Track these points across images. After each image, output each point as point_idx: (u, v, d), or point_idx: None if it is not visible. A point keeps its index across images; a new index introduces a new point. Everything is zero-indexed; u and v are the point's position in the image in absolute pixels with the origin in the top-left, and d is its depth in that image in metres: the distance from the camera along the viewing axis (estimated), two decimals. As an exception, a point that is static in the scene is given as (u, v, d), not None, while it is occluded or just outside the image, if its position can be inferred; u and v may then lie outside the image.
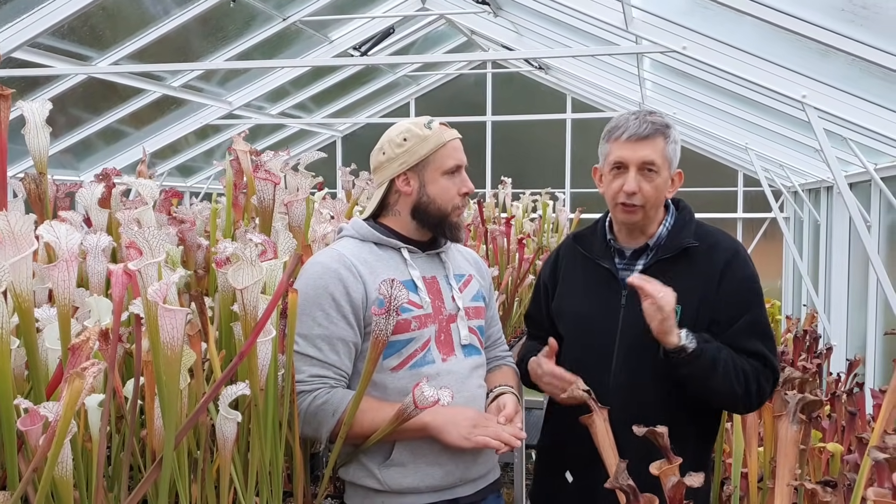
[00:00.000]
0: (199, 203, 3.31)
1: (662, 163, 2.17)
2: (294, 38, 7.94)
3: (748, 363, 2.15)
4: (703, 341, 2.10)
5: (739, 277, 2.21)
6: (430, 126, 2.13)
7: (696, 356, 2.07)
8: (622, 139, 2.18)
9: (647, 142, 2.16)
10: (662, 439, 1.63)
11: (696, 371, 2.09)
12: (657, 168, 2.17)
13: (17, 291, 1.32)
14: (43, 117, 1.80)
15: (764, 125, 6.69)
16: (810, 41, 3.31)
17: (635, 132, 2.17)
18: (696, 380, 2.12)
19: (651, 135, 2.16)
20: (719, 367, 2.10)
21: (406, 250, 2.16)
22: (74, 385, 1.04)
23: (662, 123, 2.20)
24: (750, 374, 2.14)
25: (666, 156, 2.18)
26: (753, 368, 2.15)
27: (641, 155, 2.16)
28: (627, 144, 2.18)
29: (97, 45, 6.34)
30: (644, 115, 2.21)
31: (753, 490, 2.58)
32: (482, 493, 2.20)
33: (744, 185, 11.06)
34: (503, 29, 8.60)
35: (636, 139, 2.17)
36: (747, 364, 2.15)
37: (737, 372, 2.12)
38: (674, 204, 2.31)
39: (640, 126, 2.17)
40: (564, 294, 2.37)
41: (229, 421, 1.60)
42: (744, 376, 2.13)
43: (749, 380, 2.14)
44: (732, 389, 2.13)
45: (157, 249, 1.42)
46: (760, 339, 2.20)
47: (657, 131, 2.17)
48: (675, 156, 2.22)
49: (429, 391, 1.85)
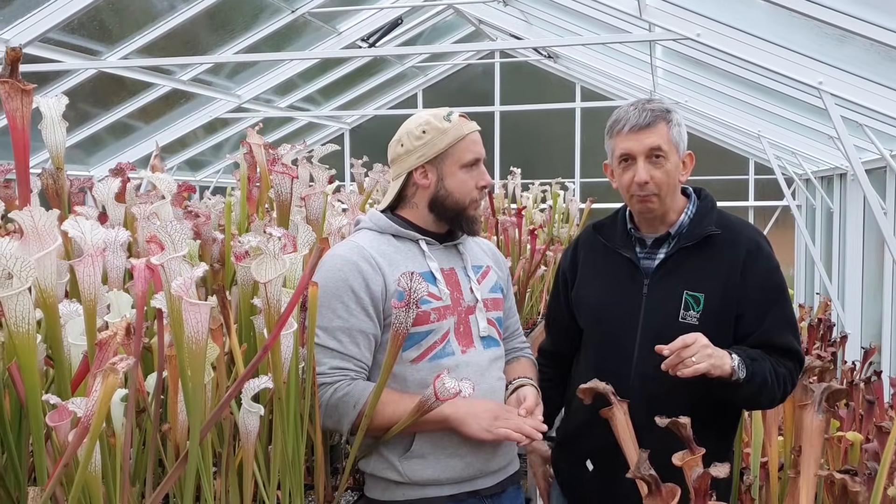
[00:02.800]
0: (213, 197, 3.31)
1: (669, 147, 2.16)
2: (302, 30, 7.93)
3: (784, 366, 2.16)
4: (750, 360, 2.09)
5: (764, 270, 2.20)
6: (450, 118, 2.12)
7: (748, 380, 2.07)
8: (625, 131, 2.17)
9: (650, 130, 2.15)
10: (685, 430, 1.62)
11: (747, 392, 2.10)
12: (665, 153, 2.15)
13: (42, 287, 1.32)
14: (59, 112, 1.79)
15: (777, 112, 6.64)
16: (827, 26, 3.28)
17: (636, 122, 2.15)
18: (745, 398, 2.15)
19: (653, 122, 2.15)
20: (768, 384, 2.11)
21: (424, 242, 2.15)
22: (109, 381, 1.04)
23: (662, 109, 2.19)
24: (787, 378, 2.16)
25: (672, 140, 2.17)
26: (789, 371, 2.16)
27: (647, 143, 2.15)
28: (631, 135, 2.16)
29: (106, 39, 6.35)
30: (642, 104, 2.20)
31: (774, 479, 2.57)
32: (502, 484, 2.19)
33: (755, 174, 11.01)
34: (512, 18, 8.57)
35: (639, 129, 2.15)
36: (783, 367, 2.15)
37: (780, 382, 2.14)
38: (696, 192, 2.30)
39: (641, 115, 2.16)
40: (584, 284, 2.35)
41: (252, 414, 1.60)
42: (783, 382, 2.15)
43: (787, 383, 2.16)
44: (773, 397, 2.17)
45: (180, 243, 1.41)
46: (790, 331, 2.20)
47: (658, 118, 2.16)
48: (682, 139, 2.20)
49: (450, 383, 1.84)
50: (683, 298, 2.17)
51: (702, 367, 1.97)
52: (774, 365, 2.13)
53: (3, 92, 1.36)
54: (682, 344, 1.98)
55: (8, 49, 1.31)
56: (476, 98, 11.49)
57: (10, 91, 1.37)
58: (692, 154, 2.24)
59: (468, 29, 10.26)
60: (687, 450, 1.61)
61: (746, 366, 2.07)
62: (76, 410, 1.13)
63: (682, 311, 2.16)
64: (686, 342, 1.98)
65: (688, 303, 2.16)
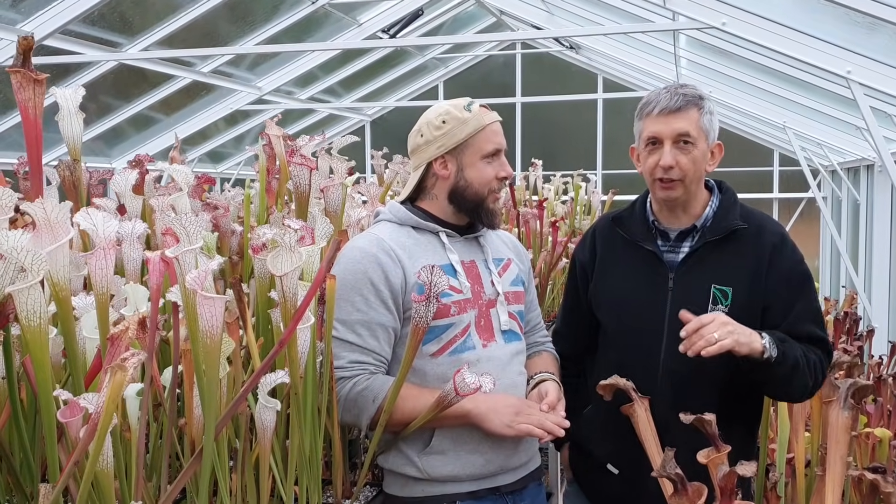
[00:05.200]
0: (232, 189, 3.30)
1: (698, 134, 2.11)
2: (322, 22, 7.91)
3: (814, 353, 2.11)
4: (780, 342, 2.04)
5: (789, 262, 2.16)
6: (470, 108, 2.08)
7: (780, 362, 2.02)
8: (654, 114, 2.13)
9: (680, 114, 2.10)
10: (710, 427, 1.58)
11: (779, 374, 2.05)
12: (693, 140, 2.11)
13: (55, 280, 1.30)
14: (76, 104, 1.78)
15: (803, 103, 6.54)
16: (856, 14, 3.20)
17: (667, 105, 2.11)
18: (778, 382, 2.08)
19: (683, 106, 2.10)
20: (800, 367, 2.06)
21: (444, 234, 2.12)
22: (117, 378, 1.01)
23: (695, 95, 2.14)
24: (817, 365, 2.11)
25: (701, 127, 2.12)
26: (819, 359, 2.12)
27: (676, 128, 2.10)
28: (660, 118, 2.12)
29: (127, 31, 6.36)
30: (675, 88, 2.16)
31: (800, 477, 2.51)
32: (523, 481, 2.16)
33: (780, 165, 10.86)
34: (533, 8, 8.49)
35: (668, 112, 2.11)
36: (813, 354, 2.11)
37: (811, 367, 2.09)
38: (717, 185, 2.25)
39: (672, 99, 2.11)
40: (604, 277, 2.30)
41: (269, 409, 1.58)
42: (814, 369, 2.10)
43: (817, 371, 2.11)
44: (805, 384, 2.10)
45: (195, 236, 1.39)
46: (816, 323, 2.16)
47: (689, 103, 2.11)
48: (713, 127, 2.15)
49: (470, 378, 1.81)
50: (712, 292, 2.12)
51: (726, 343, 1.93)
52: (805, 351, 2.09)
53: (15, 82, 1.34)
54: (698, 324, 1.95)
55: (20, 38, 1.28)
56: (497, 89, 11.41)
57: (22, 81, 1.34)
58: (721, 145, 2.19)
59: (489, 20, 10.20)
60: (712, 447, 1.57)
61: (777, 346, 2.02)
62: (88, 406, 1.11)
63: (710, 306, 2.12)
64: (703, 321, 1.95)
65: (716, 297, 2.12)
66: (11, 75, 1.33)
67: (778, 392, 2.16)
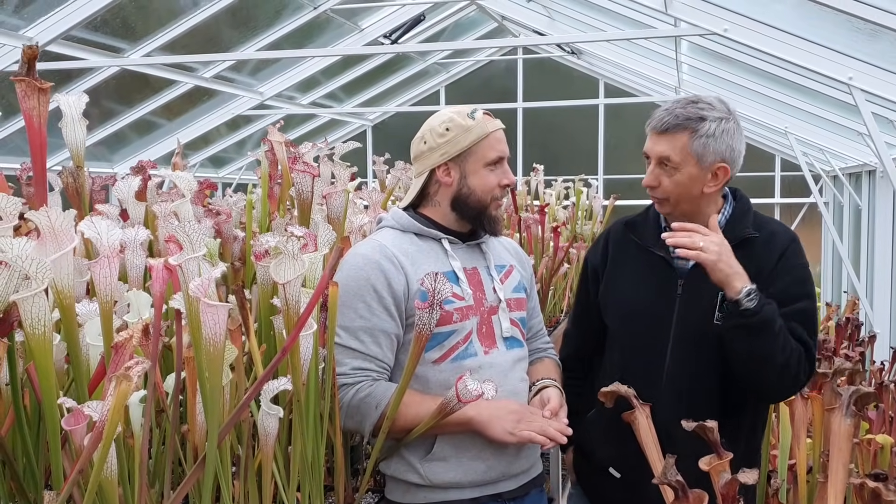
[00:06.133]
0: (235, 195, 3.30)
1: (683, 159, 2.06)
2: (324, 27, 7.93)
3: (797, 345, 2.07)
4: (766, 304, 2.00)
5: (793, 265, 2.15)
6: (474, 116, 2.08)
7: (755, 313, 1.97)
8: (648, 129, 2.13)
9: (665, 136, 2.08)
10: (712, 434, 1.58)
11: (760, 344, 1.99)
12: (675, 164, 2.07)
13: (59, 288, 1.30)
14: (79, 110, 1.78)
15: (805, 108, 6.55)
16: (858, 20, 3.21)
17: (657, 125, 2.09)
18: (749, 336, 2.00)
19: (672, 129, 2.06)
20: (775, 328, 2.00)
21: (447, 241, 2.12)
22: (122, 388, 1.02)
23: (693, 117, 2.06)
24: (794, 352, 2.05)
25: (691, 151, 2.05)
26: (797, 349, 2.06)
27: (657, 150, 2.10)
28: (651, 136, 2.12)
29: (129, 37, 6.38)
30: (677, 106, 2.10)
31: (802, 483, 2.51)
32: (525, 487, 2.16)
33: (781, 170, 10.87)
34: (535, 14, 8.50)
35: (656, 132, 2.10)
36: (794, 342, 2.06)
37: (786, 341, 2.03)
38: (731, 193, 2.24)
39: (664, 118, 2.08)
40: (613, 281, 2.30)
41: (271, 416, 1.58)
42: (790, 350, 2.04)
43: (792, 356, 2.04)
44: (775, 356, 2.01)
45: (198, 244, 1.39)
46: (806, 328, 2.11)
47: (680, 126, 2.06)
48: (711, 150, 2.06)
49: (472, 385, 1.81)
50: (719, 299, 2.11)
51: (705, 257, 1.93)
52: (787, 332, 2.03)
53: (20, 90, 1.34)
54: (695, 227, 1.95)
55: (25, 47, 1.29)
56: (499, 95, 11.44)
57: (27, 90, 1.35)
58: (727, 167, 2.09)
59: (491, 25, 10.21)
60: (714, 454, 1.57)
61: (759, 301, 1.97)
62: (92, 414, 1.11)
63: (717, 313, 2.10)
64: (700, 229, 1.95)
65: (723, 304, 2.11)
66: (16, 84, 1.34)
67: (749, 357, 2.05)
